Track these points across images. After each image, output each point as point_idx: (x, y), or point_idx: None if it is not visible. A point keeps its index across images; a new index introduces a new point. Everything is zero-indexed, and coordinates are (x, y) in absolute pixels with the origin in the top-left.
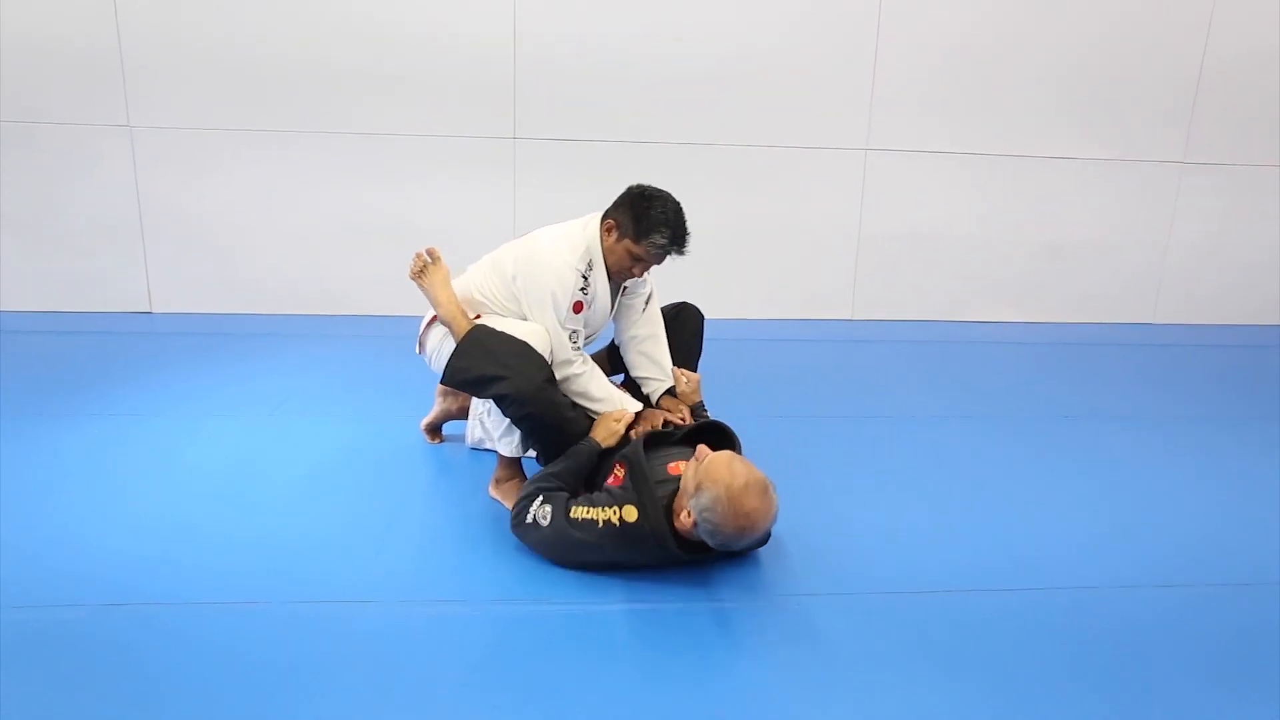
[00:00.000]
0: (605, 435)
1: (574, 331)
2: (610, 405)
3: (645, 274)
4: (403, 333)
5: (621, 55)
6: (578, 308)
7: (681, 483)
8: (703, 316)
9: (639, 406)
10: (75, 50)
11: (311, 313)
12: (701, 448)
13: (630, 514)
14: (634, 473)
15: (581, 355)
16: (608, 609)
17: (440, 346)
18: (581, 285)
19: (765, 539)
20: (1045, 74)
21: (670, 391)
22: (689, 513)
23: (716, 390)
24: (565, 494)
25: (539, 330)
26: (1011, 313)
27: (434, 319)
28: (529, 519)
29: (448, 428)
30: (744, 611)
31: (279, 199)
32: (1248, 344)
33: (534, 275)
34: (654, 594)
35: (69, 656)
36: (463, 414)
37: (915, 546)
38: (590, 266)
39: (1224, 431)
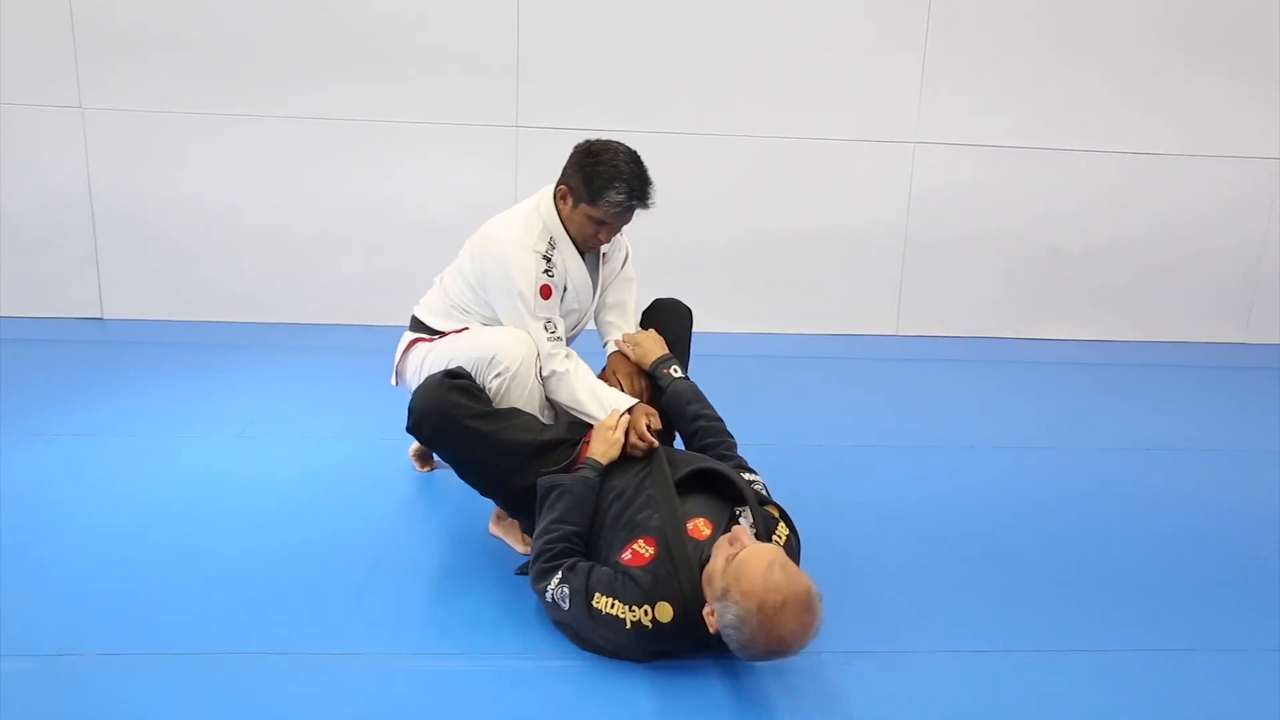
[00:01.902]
0: (606, 450)
1: (549, 321)
2: (604, 411)
3: (618, 235)
4: (388, 345)
5: (637, 34)
6: (545, 293)
7: (708, 568)
8: (690, 315)
9: (632, 402)
10: (19, 19)
11: (285, 321)
12: (737, 529)
13: (665, 613)
14: (676, 559)
15: (564, 349)
16: (622, 665)
17: (420, 370)
18: (545, 268)
19: None
20: (1121, 55)
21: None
22: (713, 611)
23: (743, 415)
24: (585, 563)
25: (513, 333)
26: (1081, 329)
27: (411, 344)
28: (549, 599)
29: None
30: (774, 670)
31: (250, 192)
32: None
33: (490, 269)
34: None
35: (10, 715)
36: None
37: (977, 599)
38: (553, 245)
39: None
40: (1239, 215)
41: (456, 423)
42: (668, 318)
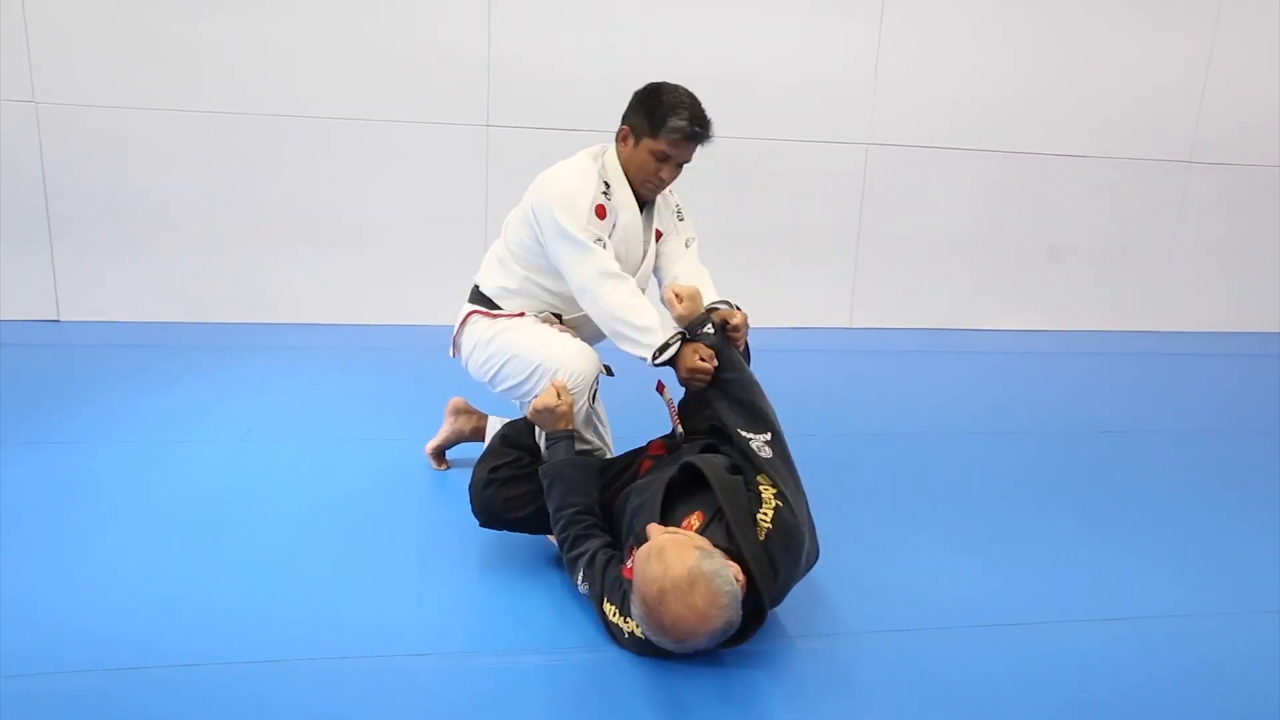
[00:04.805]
0: (555, 423)
1: (599, 238)
2: (653, 336)
3: (674, 181)
4: (364, 344)
5: (604, 36)
6: (601, 212)
7: None
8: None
9: (678, 330)
10: None
11: (253, 321)
12: (651, 528)
13: None
14: None
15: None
16: (680, 659)
17: (475, 350)
18: (603, 190)
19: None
20: (1055, 68)
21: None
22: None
23: None
24: (603, 555)
25: (576, 346)
26: (1020, 319)
27: (468, 316)
28: (582, 591)
29: (455, 452)
30: (783, 654)
31: (214, 189)
32: (1253, 353)
33: (547, 188)
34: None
35: None
36: (477, 436)
37: (930, 579)
38: (608, 187)
39: (1232, 444)
40: (1151, 213)
41: (509, 515)
42: None
